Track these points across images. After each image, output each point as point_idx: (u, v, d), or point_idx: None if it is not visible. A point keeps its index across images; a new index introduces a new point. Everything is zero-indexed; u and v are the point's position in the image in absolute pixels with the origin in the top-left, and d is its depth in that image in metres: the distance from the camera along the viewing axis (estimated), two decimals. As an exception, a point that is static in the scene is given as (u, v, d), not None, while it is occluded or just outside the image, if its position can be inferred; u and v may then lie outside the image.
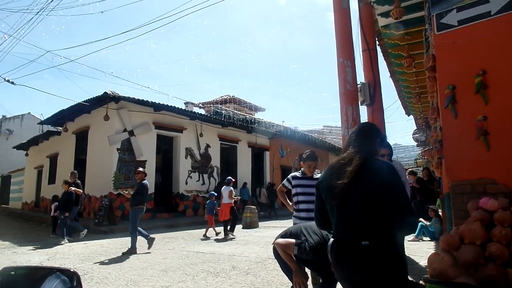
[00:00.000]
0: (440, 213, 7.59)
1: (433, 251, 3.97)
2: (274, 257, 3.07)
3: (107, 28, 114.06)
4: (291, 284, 2.84)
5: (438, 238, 4.80)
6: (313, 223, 2.48)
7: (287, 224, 4.84)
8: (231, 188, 9.42)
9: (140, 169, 7.57)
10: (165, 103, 13.47)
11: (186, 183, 14.68)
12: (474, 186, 3.60)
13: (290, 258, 2.71)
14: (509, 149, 3.45)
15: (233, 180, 10.04)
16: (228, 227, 9.04)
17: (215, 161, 16.13)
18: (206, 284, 4.45)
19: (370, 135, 1.94)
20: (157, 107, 13.26)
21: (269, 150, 19.34)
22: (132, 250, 6.73)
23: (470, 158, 3.67)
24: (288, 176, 4.22)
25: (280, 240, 2.74)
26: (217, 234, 9.07)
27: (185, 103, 17.65)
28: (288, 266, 2.78)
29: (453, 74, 3.86)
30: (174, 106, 13.82)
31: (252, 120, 17.64)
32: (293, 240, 2.69)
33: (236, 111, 18.59)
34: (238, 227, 9.58)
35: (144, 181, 7.28)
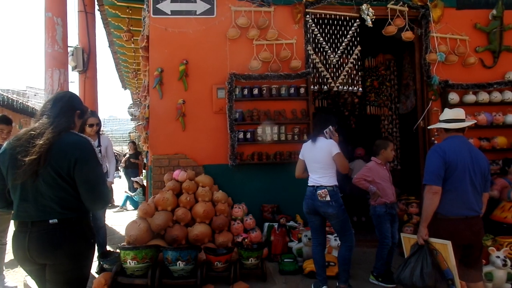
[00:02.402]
0: (145, 184, 8.25)
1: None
2: None
3: None
4: None
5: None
6: None
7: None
8: None
9: None
10: None
11: None
12: (171, 160, 4.16)
13: None
14: (197, 130, 4.23)
15: None
16: None
17: None
18: None
19: (68, 106, 1.77)
20: None
21: None
22: None
23: (170, 135, 4.20)
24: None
25: None
26: None
27: None
28: None
29: (163, 58, 4.24)
30: None
31: None
32: None
33: None
34: None
35: None
